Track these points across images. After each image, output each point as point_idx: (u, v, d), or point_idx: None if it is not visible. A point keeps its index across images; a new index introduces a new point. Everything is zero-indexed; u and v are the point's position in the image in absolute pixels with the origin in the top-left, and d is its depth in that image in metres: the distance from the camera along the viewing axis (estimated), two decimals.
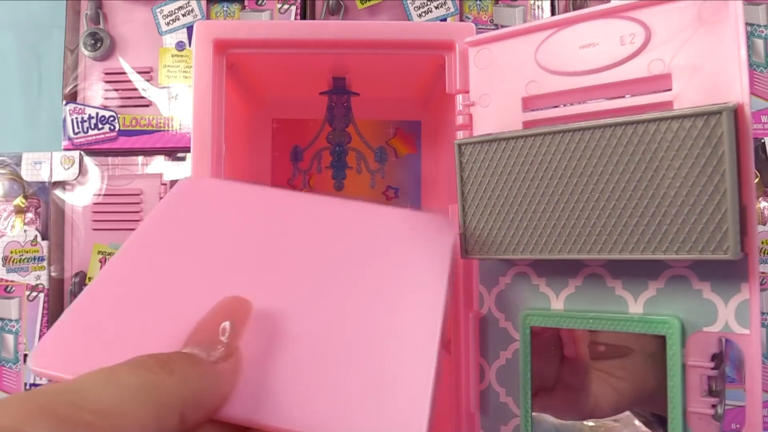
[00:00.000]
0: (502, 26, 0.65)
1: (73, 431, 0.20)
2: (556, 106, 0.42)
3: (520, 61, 0.43)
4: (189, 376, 0.24)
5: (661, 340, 0.36)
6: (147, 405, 0.22)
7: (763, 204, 0.66)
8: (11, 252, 0.68)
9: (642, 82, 0.38)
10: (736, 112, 0.33)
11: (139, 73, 0.70)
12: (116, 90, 0.70)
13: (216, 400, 0.25)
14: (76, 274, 0.68)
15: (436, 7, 0.69)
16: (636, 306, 0.39)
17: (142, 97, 0.70)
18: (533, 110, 0.43)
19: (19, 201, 0.69)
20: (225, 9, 0.71)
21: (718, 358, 0.36)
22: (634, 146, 0.35)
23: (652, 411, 0.39)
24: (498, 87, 0.44)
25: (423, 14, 0.69)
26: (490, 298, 0.46)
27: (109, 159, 0.69)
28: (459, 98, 0.46)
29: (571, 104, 0.41)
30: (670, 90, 0.36)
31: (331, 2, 0.69)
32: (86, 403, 0.21)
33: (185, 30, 0.70)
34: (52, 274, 0.68)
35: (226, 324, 0.26)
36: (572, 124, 0.38)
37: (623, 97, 0.39)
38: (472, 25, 0.47)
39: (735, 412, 0.53)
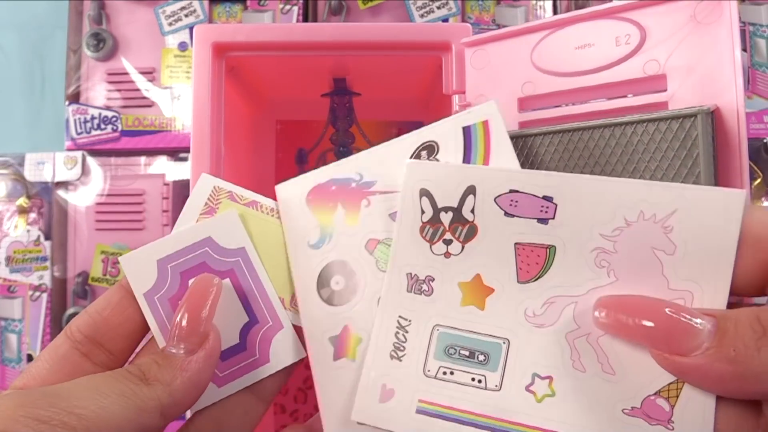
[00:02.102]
0: (504, 26, 0.64)
1: None
2: (552, 107, 0.42)
3: (516, 62, 0.43)
4: (164, 380, 0.26)
5: None
6: (126, 410, 0.24)
7: (765, 204, 0.65)
8: (14, 252, 0.69)
9: (637, 83, 0.38)
10: (714, 114, 0.33)
11: (141, 73, 0.71)
12: (119, 90, 0.70)
13: (194, 391, 0.27)
14: (79, 274, 0.68)
15: (438, 8, 0.69)
16: None
17: (145, 98, 0.70)
18: (529, 111, 0.43)
19: (22, 201, 0.69)
20: (227, 9, 0.71)
21: None
22: (611, 149, 0.35)
23: None
24: (494, 87, 0.44)
25: (425, 14, 0.69)
26: None
27: (112, 159, 0.70)
28: (455, 99, 0.46)
29: (567, 105, 0.41)
30: (665, 91, 0.36)
31: (333, 3, 0.69)
32: (69, 406, 0.22)
33: (187, 30, 0.70)
34: (55, 274, 0.69)
35: (198, 311, 0.28)
36: (552, 126, 0.38)
37: (619, 97, 0.39)
38: (468, 25, 0.47)
39: None
